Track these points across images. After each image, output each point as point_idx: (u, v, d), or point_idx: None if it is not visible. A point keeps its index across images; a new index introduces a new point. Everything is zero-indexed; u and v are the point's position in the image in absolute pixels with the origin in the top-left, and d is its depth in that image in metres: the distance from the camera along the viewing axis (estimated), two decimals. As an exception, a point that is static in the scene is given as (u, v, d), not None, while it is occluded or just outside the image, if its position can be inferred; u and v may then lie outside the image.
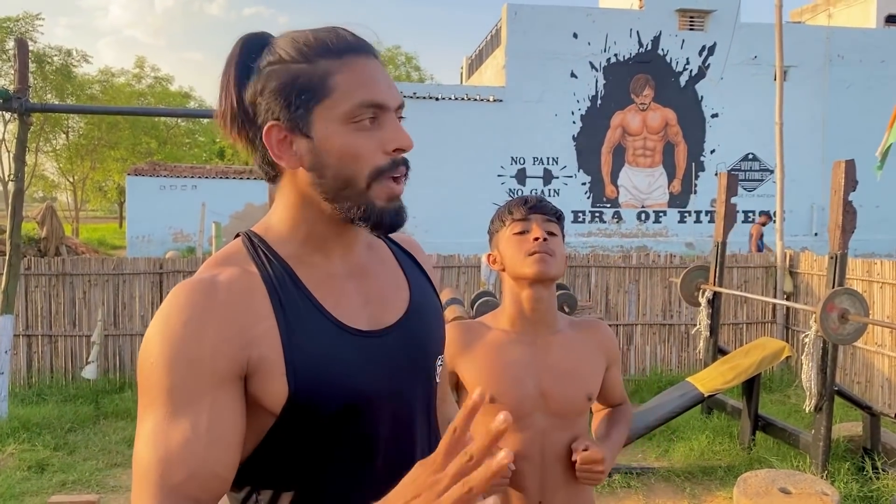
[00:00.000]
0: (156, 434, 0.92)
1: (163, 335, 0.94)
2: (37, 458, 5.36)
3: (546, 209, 1.79)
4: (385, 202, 1.03)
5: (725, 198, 6.18)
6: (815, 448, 4.88)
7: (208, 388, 0.93)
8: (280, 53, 1.03)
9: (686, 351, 7.99)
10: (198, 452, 0.92)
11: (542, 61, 17.68)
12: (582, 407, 1.76)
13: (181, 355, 0.93)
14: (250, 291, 1.00)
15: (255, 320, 0.98)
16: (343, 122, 1.01)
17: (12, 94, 6.00)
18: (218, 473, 0.94)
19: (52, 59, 26.82)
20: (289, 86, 1.01)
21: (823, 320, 4.60)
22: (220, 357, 0.94)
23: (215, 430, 0.93)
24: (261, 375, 0.97)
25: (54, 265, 7.30)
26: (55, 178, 34.76)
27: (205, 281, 0.98)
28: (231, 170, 22.28)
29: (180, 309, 0.95)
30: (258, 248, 1.05)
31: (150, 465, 0.91)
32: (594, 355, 1.82)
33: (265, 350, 0.97)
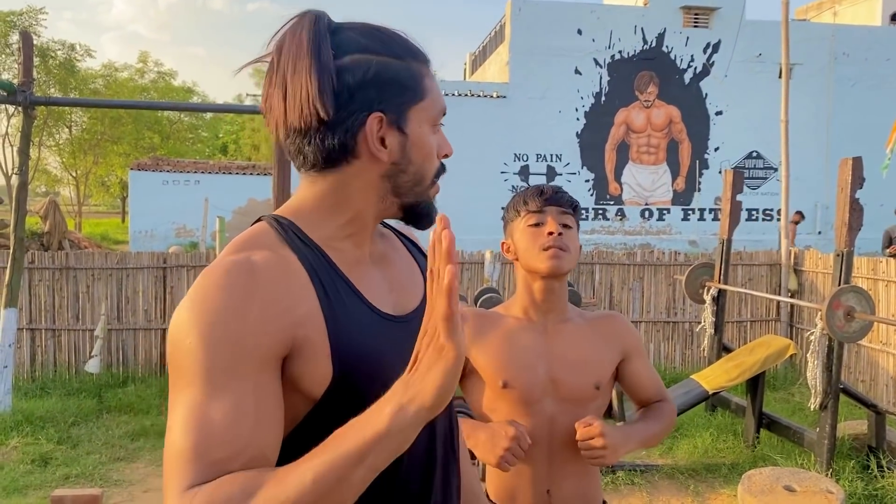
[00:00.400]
0: (194, 415, 0.88)
1: (203, 314, 0.91)
2: (40, 451, 5.37)
3: (562, 200, 1.79)
4: (430, 200, 1.12)
5: (731, 195, 6.16)
6: (820, 446, 4.86)
7: (253, 368, 0.91)
8: (367, 43, 1.04)
9: (690, 348, 7.98)
10: (244, 432, 0.89)
11: (546, 58, 17.64)
12: (590, 395, 1.76)
13: (224, 335, 0.90)
14: (290, 272, 0.98)
15: (298, 301, 0.96)
16: (431, 124, 1.09)
17: (17, 87, 5.99)
18: (264, 454, 0.91)
19: (55, 54, 26.82)
20: (392, 80, 1.03)
21: (829, 318, 4.58)
22: (264, 336, 0.92)
23: (262, 409, 0.91)
24: (305, 357, 0.95)
25: (58, 259, 7.30)
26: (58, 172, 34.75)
27: (242, 261, 0.96)
28: (234, 165, 22.29)
29: (220, 288, 0.93)
30: (289, 231, 1.04)
31: (189, 445, 0.87)
32: (604, 345, 1.82)
33: (310, 331, 0.96)
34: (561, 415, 1.74)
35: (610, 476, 5.05)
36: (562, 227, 1.75)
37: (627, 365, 1.86)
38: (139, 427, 6.02)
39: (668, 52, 18.10)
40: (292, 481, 0.82)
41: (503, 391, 1.73)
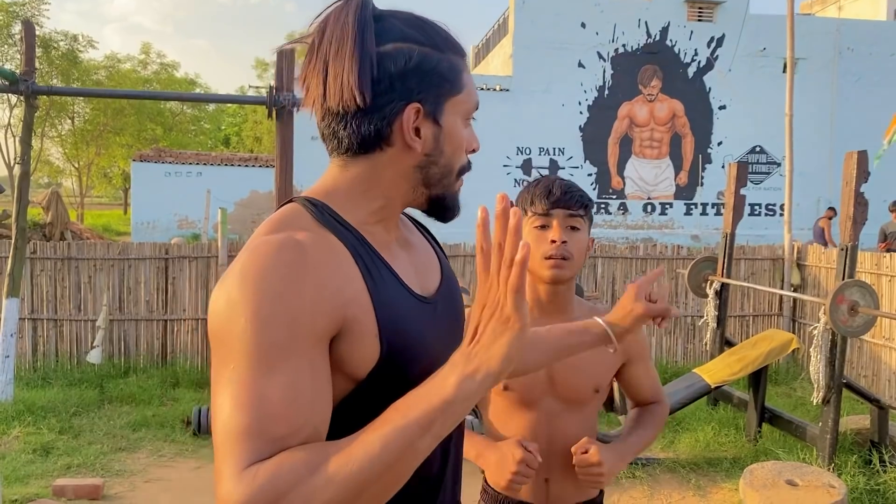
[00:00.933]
0: (249, 393, 0.87)
1: (258, 292, 0.90)
2: (42, 441, 5.37)
3: (571, 202, 1.73)
4: (455, 193, 1.14)
5: (735, 188, 6.14)
6: (822, 440, 4.85)
7: (308, 346, 0.91)
8: (410, 33, 1.05)
9: (692, 342, 7.97)
10: (302, 408, 0.89)
11: (549, 51, 17.59)
12: (588, 396, 1.77)
13: (282, 312, 0.90)
14: (336, 253, 0.99)
15: (346, 281, 0.97)
16: (464, 118, 1.10)
17: (19, 76, 5.98)
18: (319, 430, 0.91)
19: (58, 45, 26.80)
20: (431, 72, 1.04)
21: (833, 312, 4.56)
22: (319, 314, 0.92)
23: (317, 386, 0.91)
24: (353, 337, 0.96)
25: (60, 249, 7.30)
26: (60, 163, 34.77)
27: (290, 240, 0.95)
28: (236, 157, 22.27)
29: (275, 265, 0.92)
30: (325, 213, 1.04)
31: (245, 423, 0.86)
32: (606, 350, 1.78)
33: (358, 311, 0.97)
34: (559, 413, 1.77)
35: (611, 469, 5.04)
36: (568, 229, 1.72)
37: (629, 368, 1.86)
38: (141, 417, 6.02)
39: (672, 46, 18.04)
40: (359, 451, 0.83)
41: (504, 392, 1.76)
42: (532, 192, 1.76)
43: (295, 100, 6.50)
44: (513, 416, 1.77)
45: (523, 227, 1.76)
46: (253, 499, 0.81)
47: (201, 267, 7.41)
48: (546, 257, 1.71)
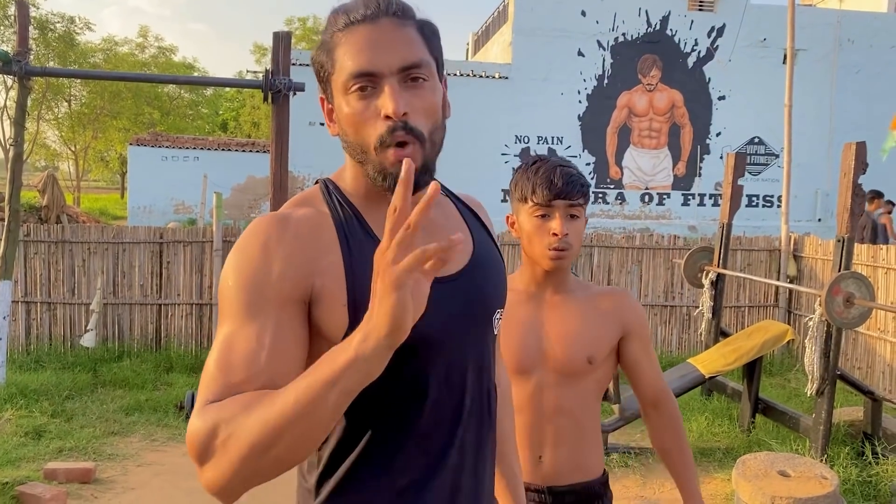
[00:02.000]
0: (225, 342, 1.02)
1: (238, 260, 1.06)
2: (34, 424, 5.35)
3: (572, 192, 1.73)
4: (395, 168, 1.06)
5: (732, 179, 6.11)
6: (816, 432, 4.85)
7: (274, 307, 1.03)
8: (325, 26, 1.14)
9: (687, 332, 7.97)
10: (259, 359, 1.00)
11: (549, 39, 17.50)
12: (581, 368, 1.78)
13: (252, 277, 1.04)
14: (320, 228, 1.10)
15: (321, 253, 1.07)
16: (343, 92, 1.09)
17: (12, 56, 5.92)
18: (276, 382, 0.98)
19: (54, 26, 26.61)
20: (316, 61, 1.14)
21: (829, 304, 4.55)
22: (286, 280, 1.04)
23: (278, 342, 1.01)
24: (324, 304, 1.06)
25: (54, 232, 7.26)
26: (57, 146, 34.61)
27: (280, 215, 1.09)
28: (233, 142, 22.17)
29: (256, 236, 1.07)
30: (332, 193, 1.16)
31: (214, 367, 1.00)
32: (602, 321, 1.82)
33: (328, 281, 1.06)
34: (551, 386, 1.78)
35: (604, 458, 5.04)
36: (569, 219, 1.74)
37: (627, 345, 1.85)
38: (134, 401, 6.00)
39: (672, 36, 17.95)
40: (279, 401, 0.90)
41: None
42: (533, 181, 1.75)
43: (291, 83, 6.45)
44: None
45: (522, 212, 1.78)
46: (199, 429, 0.93)
47: (196, 251, 7.38)
48: (549, 247, 1.74)
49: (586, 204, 1.78)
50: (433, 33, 1.15)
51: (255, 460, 0.91)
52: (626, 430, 5.56)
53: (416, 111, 1.08)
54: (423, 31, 1.13)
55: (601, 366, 1.81)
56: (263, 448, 0.90)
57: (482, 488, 1.20)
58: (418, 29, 1.12)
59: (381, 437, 1.10)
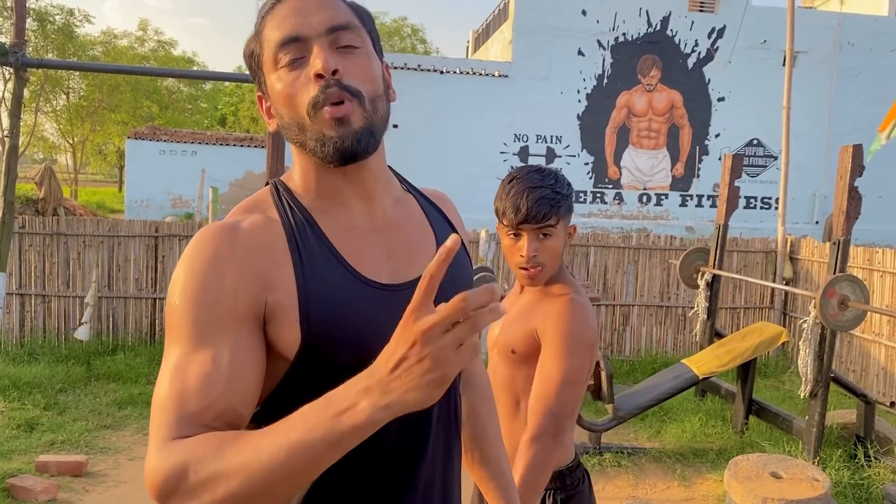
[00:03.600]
0: (176, 367, 0.94)
1: (186, 276, 0.97)
2: (26, 416, 5.34)
3: (539, 217, 1.74)
4: (334, 130, 1.00)
5: (729, 180, 6.11)
6: (808, 434, 4.85)
7: (229, 326, 0.95)
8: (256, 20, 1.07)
9: (682, 333, 7.96)
10: (216, 384, 0.93)
11: (549, 38, 17.47)
12: (506, 355, 1.89)
13: (203, 294, 0.95)
14: (270, 237, 1.01)
15: (272, 266, 0.99)
16: (273, 69, 1.03)
17: (8, 48, 5.89)
18: (234, 406, 0.94)
19: (53, 18, 26.53)
20: (247, 54, 1.07)
21: (823, 306, 4.55)
22: (240, 297, 0.96)
23: (235, 364, 0.94)
24: (276, 320, 0.98)
25: (49, 225, 7.24)
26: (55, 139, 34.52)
27: (227, 226, 1.01)
28: (232, 137, 22.13)
29: (203, 250, 0.98)
30: (283, 196, 1.08)
31: (168, 397, 0.92)
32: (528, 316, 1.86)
33: (280, 296, 0.98)
34: (496, 364, 1.93)
35: (597, 458, 5.04)
36: (539, 238, 1.77)
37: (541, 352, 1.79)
38: (127, 395, 5.99)
39: (673, 37, 17.94)
40: (265, 451, 0.83)
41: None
42: (504, 203, 1.79)
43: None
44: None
45: (499, 229, 1.86)
46: (164, 469, 0.86)
47: (192, 246, 7.36)
48: (518, 267, 1.81)
49: (562, 220, 1.78)
50: (366, 14, 1.10)
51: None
52: (619, 430, 5.55)
53: (350, 73, 1.00)
54: (353, 7, 1.07)
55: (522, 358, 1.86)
56: (246, 497, 0.84)
57: (451, 495, 1.17)
58: (348, 4, 1.07)
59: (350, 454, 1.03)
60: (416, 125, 15.92)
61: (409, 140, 15.60)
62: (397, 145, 15.14)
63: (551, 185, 1.77)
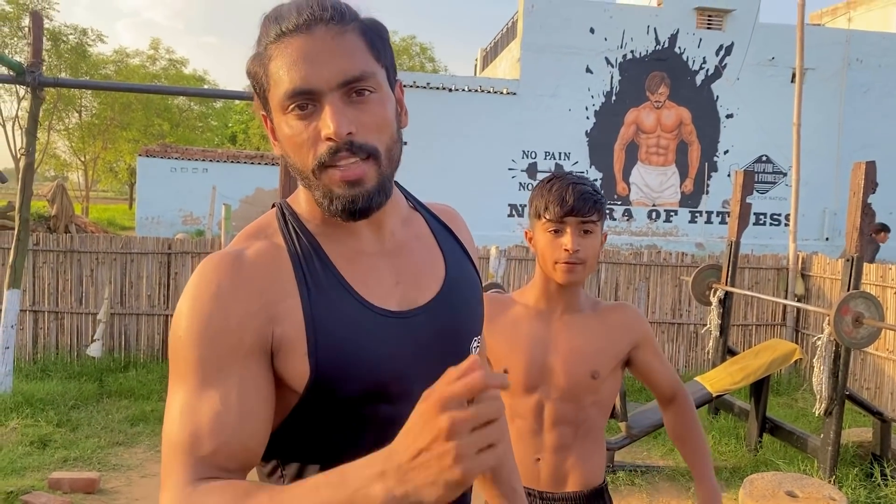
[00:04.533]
0: (186, 407, 0.92)
1: (191, 309, 0.94)
2: (39, 433, 5.35)
3: (584, 209, 1.76)
4: (344, 189, 0.96)
5: (741, 196, 6.10)
6: (824, 452, 4.82)
7: (237, 362, 0.93)
8: (258, 35, 1.01)
9: (694, 350, 7.93)
10: (228, 424, 0.91)
11: (557, 55, 17.56)
12: (585, 383, 1.82)
13: (209, 330, 0.93)
14: (276, 266, 0.98)
15: (279, 297, 0.97)
16: (281, 112, 0.98)
17: (26, 67, 5.97)
18: (247, 445, 0.93)
19: (67, 38, 26.86)
20: (252, 73, 1.01)
21: (837, 323, 4.53)
22: (246, 331, 0.94)
23: (245, 402, 0.93)
24: (284, 353, 0.96)
25: (63, 242, 7.29)
26: (67, 157, 34.82)
27: (232, 255, 0.98)
28: (242, 154, 22.27)
29: (208, 283, 0.95)
30: (289, 221, 1.04)
31: (181, 439, 0.91)
32: (609, 335, 1.86)
33: (287, 328, 0.96)
34: (554, 400, 1.83)
35: (610, 476, 5.01)
36: (581, 234, 1.77)
37: (637, 355, 1.90)
38: (139, 412, 6.00)
39: (681, 54, 18.00)
40: None
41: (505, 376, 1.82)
42: (548, 196, 1.79)
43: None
44: (514, 399, 1.84)
45: (537, 228, 1.83)
46: None
47: (204, 263, 7.40)
48: (560, 262, 1.77)
49: (601, 220, 1.80)
50: (379, 37, 1.01)
51: None
52: (632, 448, 5.52)
53: (364, 128, 0.96)
54: (367, 36, 0.99)
55: (606, 380, 1.85)
56: None
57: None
58: (362, 33, 0.98)
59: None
60: (424, 142, 15.99)
61: (418, 157, 15.66)
62: (406, 162, 15.03)
63: (591, 185, 1.81)
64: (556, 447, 1.84)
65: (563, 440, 1.84)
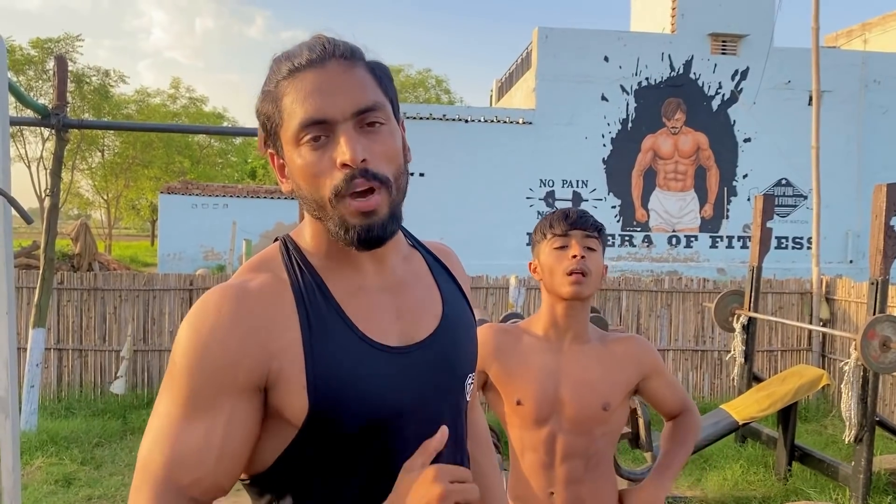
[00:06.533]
0: (170, 432, 0.95)
1: (189, 339, 0.96)
2: (64, 472, 5.37)
3: (587, 224, 1.85)
4: (359, 219, 0.98)
5: (761, 221, 6.06)
6: (856, 480, 4.71)
7: (227, 398, 0.95)
8: (268, 75, 1.04)
9: (719, 378, 7.83)
10: (208, 462, 0.95)
11: (572, 84, 17.65)
12: (597, 415, 1.83)
13: (205, 362, 0.94)
14: (279, 301, 0.99)
15: (279, 332, 0.97)
16: (294, 144, 0.99)
17: (50, 110, 6.10)
18: (221, 484, 0.97)
19: (90, 79, 27.42)
20: (262, 113, 1.03)
21: (864, 348, 4.46)
22: (241, 369, 0.95)
23: (228, 443, 0.95)
24: (281, 389, 0.97)
25: (86, 280, 7.37)
26: (90, 195, 35.37)
27: (234, 288, 0.99)
28: (262, 189, 22.50)
29: (208, 315, 0.96)
30: (292, 255, 1.06)
31: (159, 463, 0.94)
32: (619, 367, 1.88)
33: (286, 364, 0.97)
34: (566, 431, 1.84)
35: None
36: (585, 249, 1.82)
37: (647, 384, 1.93)
38: (162, 449, 6.00)
39: (696, 79, 18.03)
40: None
41: (517, 407, 1.86)
42: (551, 217, 1.88)
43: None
44: (526, 431, 1.86)
45: (542, 251, 1.87)
46: None
47: (225, 298, 7.44)
48: (567, 273, 1.80)
49: (602, 243, 1.87)
50: (385, 74, 1.06)
51: None
52: (658, 479, 5.43)
53: (376, 157, 0.98)
54: (374, 73, 1.03)
55: (616, 410, 1.87)
56: None
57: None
58: (369, 70, 1.02)
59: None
60: (442, 173, 16.07)
61: (435, 188, 15.73)
62: (424, 194, 15.27)
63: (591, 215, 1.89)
64: (569, 480, 1.85)
65: (575, 473, 1.85)
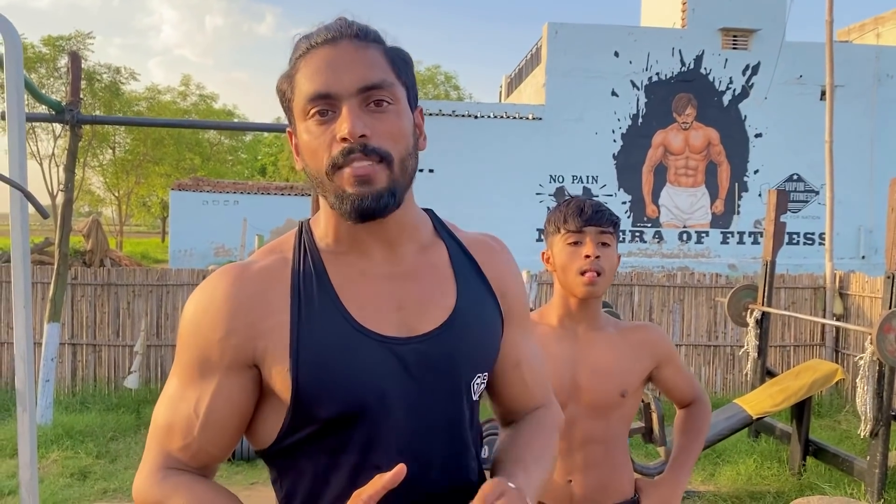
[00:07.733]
0: (171, 400, 1.06)
1: (186, 314, 1.04)
2: (79, 465, 5.42)
3: (602, 220, 1.82)
4: (354, 187, 0.98)
5: (775, 216, 6.04)
6: (871, 475, 4.69)
7: (214, 374, 1.02)
8: (290, 56, 1.07)
9: (731, 373, 7.80)
10: (192, 430, 1.03)
11: (582, 80, 17.60)
12: (614, 401, 1.84)
13: (196, 339, 1.02)
14: (276, 283, 1.03)
15: (268, 313, 1.01)
16: (302, 118, 1.02)
17: (64, 106, 6.13)
18: (208, 451, 1.05)
19: (101, 77, 27.54)
20: (279, 90, 1.06)
21: (880, 342, 4.44)
22: (227, 349, 1.01)
23: (211, 414, 1.02)
24: (268, 368, 1.01)
25: (100, 275, 7.42)
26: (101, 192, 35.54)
27: (236, 268, 1.05)
28: (272, 186, 22.57)
29: (205, 292, 1.04)
30: (303, 239, 1.09)
31: (160, 427, 1.06)
32: (634, 355, 1.88)
33: (271, 344, 1.00)
34: (583, 419, 1.85)
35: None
36: (600, 246, 1.81)
37: (660, 372, 1.94)
38: (176, 443, 6.04)
39: (707, 74, 17.94)
40: None
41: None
42: (565, 210, 1.85)
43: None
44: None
45: (555, 244, 1.86)
46: (151, 496, 1.03)
47: (237, 293, 7.47)
48: (581, 272, 1.79)
49: (616, 236, 1.85)
50: (402, 59, 1.06)
51: None
52: (671, 473, 5.42)
53: (379, 134, 0.98)
54: (388, 54, 1.04)
55: (631, 399, 1.88)
56: None
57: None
58: (383, 52, 1.03)
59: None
60: (451, 170, 16.07)
61: (445, 184, 15.74)
62: (434, 190, 15.28)
63: (605, 205, 1.88)
64: (587, 466, 1.85)
65: (593, 458, 1.85)
